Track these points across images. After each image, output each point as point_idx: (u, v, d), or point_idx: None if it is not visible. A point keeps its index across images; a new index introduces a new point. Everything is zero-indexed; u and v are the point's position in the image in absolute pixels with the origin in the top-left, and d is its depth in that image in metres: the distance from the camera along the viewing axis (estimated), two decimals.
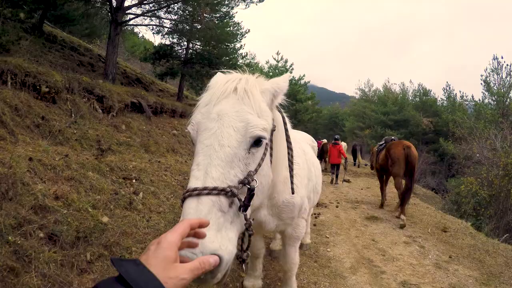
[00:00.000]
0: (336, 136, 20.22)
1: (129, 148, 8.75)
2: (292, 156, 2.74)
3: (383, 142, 13.53)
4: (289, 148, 2.71)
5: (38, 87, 7.85)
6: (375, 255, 7.29)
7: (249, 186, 1.83)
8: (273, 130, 2.26)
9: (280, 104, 2.48)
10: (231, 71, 2.34)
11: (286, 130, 2.70)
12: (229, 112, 1.92)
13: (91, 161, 6.57)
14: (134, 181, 6.84)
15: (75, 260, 4.06)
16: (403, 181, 11.05)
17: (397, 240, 8.43)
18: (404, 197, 10.69)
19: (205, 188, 1.64)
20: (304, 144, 4.57)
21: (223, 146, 1.80)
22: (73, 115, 8.20)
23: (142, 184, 6.92)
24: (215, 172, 1.73)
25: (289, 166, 2.74)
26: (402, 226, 9.68)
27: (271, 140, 2.26)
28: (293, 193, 2.85)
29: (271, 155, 2.26)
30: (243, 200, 1.78)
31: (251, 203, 1.84)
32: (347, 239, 8.23)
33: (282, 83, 2.31)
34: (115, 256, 1.29)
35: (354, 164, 29.77)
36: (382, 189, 12.87)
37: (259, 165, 2.00)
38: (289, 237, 3.74)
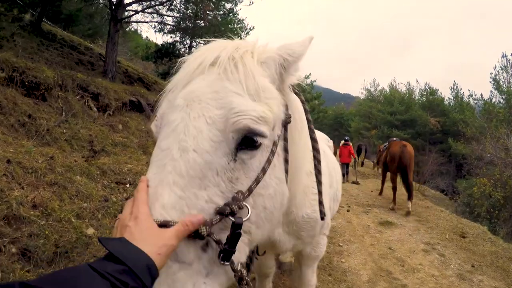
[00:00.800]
0: (346, 138, 21.29)
1: (125, 149, 8.23)
2: (319, 162, 1.97)
3: (387, 142, 15.56)
4: (314, 148, 1.97)
5: (26, 83, 7.29)
6: (393, 265, 6.87)
7: (232, 219, 1.15)
8: (287, 122, 1.54)
9: (297, 85, 1.73)
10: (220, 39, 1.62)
11: (309, 121, 1.92)
12: (202, 94, 1.27)
13: (80, 163, 6.05)
14: (128, 185, 6.31)
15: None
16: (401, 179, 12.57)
17: (415, 248, 8.03)
18: (396, 190, 12.69)
19: None
20: (323, 144, 3.66)
21: (186, 150, 1.16)
22: (64, 113, 7.67)
23: None
24: (168, 197, 1.10)
25: (316, 176, 1.99)
26: (407, 213, 11.37)
27: (285, 139, 1.54)
28: (322, 218, 2.09)
29: (286, 160, 1.54)
30: (223, 242, 1.13)
31: (244, 242, 1.25)
32: (362, 247, 7.77)
33: (297, 47, 1.53)
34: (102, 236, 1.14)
35: (362, 165, 29.86)
36: (383, 181, 15.05)
37: (257, 180, 1.28)
38: (307, 257, 3.04)
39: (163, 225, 1.03)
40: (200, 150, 1.16)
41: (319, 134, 4.70)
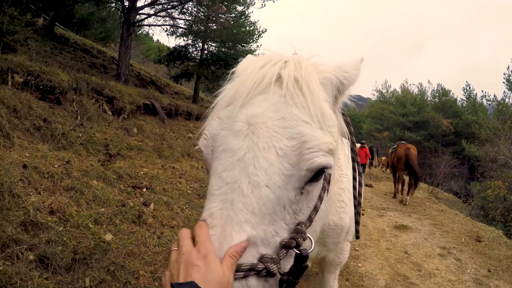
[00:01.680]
0: (363, 141, 23.14)
1: (141, 152, 8.21)
2: (361, 185, 1.93)
3: (395, 145, 16.71)
4: (357, 165, 1.92)
5: (41, 87, 7.32)
6: (410, 270, 6.78)
7: (298, 252, 1.10)
8: None
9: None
10: (267, 50, 1.52)
11: (351, 133, 1.90)
12: (269, 120, 1.16)
13: (97, 167, 6.03)
14: (144, 190, 6.29)
15: (71, 287, 3.51)
16: (406, 178, 14.69)
17: (431, 252, 7.94)
18: (403, 186, 14.96)
19: None
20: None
21: (258, 185, 1.07)
22: (79, 117, 7.68)
23: (154, 193, 6.37)
24: (238, 236, 1.02)
25: (356, 198, 1.94)
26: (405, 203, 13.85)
27: None
28: (358, 237, 2.04)
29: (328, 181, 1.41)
30: (286, 274, 1.08)
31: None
32: (378, 251, 7.70)
33: (351, 70, 1.46)
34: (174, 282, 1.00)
35: (371, 164, 30.36)
36: (395, 183, 15.88)
37: (315, 209, 1.24)
38: (330, 264, 3.00)
39: (236, 270, 0.99)
40: (272, 186, 1.08)
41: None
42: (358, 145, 35.59)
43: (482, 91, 45.29)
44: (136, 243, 4.65)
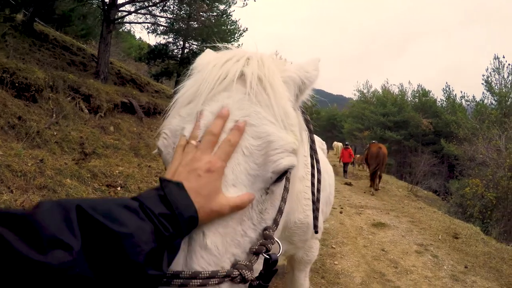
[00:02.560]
0: (347, 143, 26.17)
1: (117, 151, 8.13)
2: (319, 182, 1.92)
3: (368, 145, 20.32)
4: (316, 162, 1.89)
5: (16, 84, 7.20)
6: (386, 267, 6.85)
7: (267, 256, 1.10)
8: None
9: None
10: (228, 46, 1.48)
11: (313, 141, 1.88)
12: (233, 117, 1.12)
13: (71, 166, 5.96)
14: (119, 188, 6.25)
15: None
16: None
17: (408, 249, 8.03)
18: (373, 178, 17.52)
19: (194, 275, 0.94)
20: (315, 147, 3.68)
21: (225, 185, 1.05)
22: (54, 115, 7.57)
23: (128, 192, 6.32)
24: (211, 238, 1.00)
25: (314, 195, 1.93)
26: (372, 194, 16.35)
27: None
28: (316, 232, 2.04)
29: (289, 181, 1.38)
30: (256, 279, 1.08)
31: None
32: (354, 249, 7.75)
33: (312, 70, 1.44)
34: (163, 177, 1.04)
35: (353, 163, 32.04)
36: (372, 176, 17.92)
37: (280, 211, 1.23)
38: (299, 262, 3.00)
39: (212, 276, 0.96)
40: (239, 185, 1.06)
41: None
42: (339, 144, 37.33)
43: (461, 91, 46.35)
44: None
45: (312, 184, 1.92)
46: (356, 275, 6.33)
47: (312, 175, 1.92)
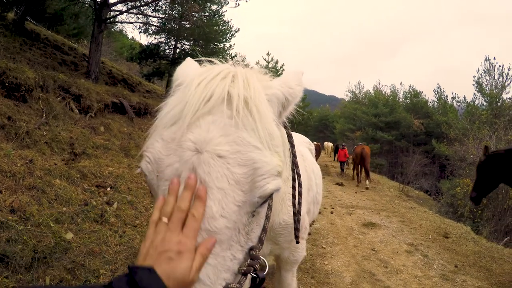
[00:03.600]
0: (343, 143, 28.58)
1: (107, 152, 8.09)
2: (300, 195, 1.97)
3: (355, 145, 23.35)
4: (296, 176, 1.92)
5: (6, 84, 7.15)
6: (376, 267, 6.85)
7: (254, 275, 1.15)
8: None
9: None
10: (212, 59, 1.47)
11: (294, 155, 1.90)
12: (219, 146, 1.11)
13: (60, 166, 5.93)
14: (108, 189, 6.22)
15: (32, 286, 3.40)
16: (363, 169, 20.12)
17: (398, 249, 8.04)
18: (360, 174, 20.60)
19: None
20: (302, 148, 3.72)
21: (214, 218, 1.05)
22: (44, 115, 7.50)
23: (118, 192, 6.31)
24: (204, 271, 1.02)
25: (294, 200, 1.97)
26: (367, 188, 18.54)
27: None
28: (297, 242, 2.07)
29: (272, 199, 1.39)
30: None
31: None
32: (345, 249, 7.76)
33: (295, 86, 1.46)
34: (132, 264, 0.98)
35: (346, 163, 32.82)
36: (356, 173, 21.21)
37: (264, 230, 1.27)
38: (285, 262, 3.00)
39: None
40: (227, 215, 1.07)
41: (300, 138, 4.66)
42: (330, 144, 38.74)
43: (453, 92, 46.86)
44: (97, 242, 4.59)
45: (293, 187, 1.95)
46: (346, 275, 6.34)
47: (293, 179, 1.95)
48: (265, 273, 1.18)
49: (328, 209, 11.84)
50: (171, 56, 20.30)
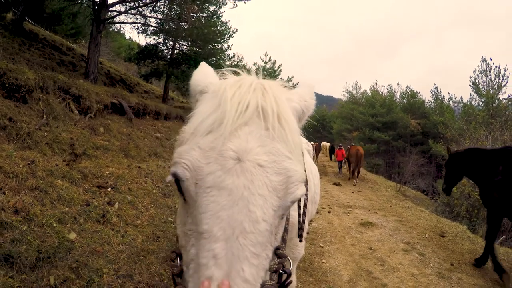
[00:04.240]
0: (340, 144, 29.57)
1: (107, 152, 8.13)
2: (307, 199, 2.13)
3: (349, 146, 24.99)
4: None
5: (7, 85, 7.18)
6: (374, 265, 6.93)
7: (283, 272, 1.25)
8: None
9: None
10: (236, 69, 1.55)
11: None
12: (258, 156, 1.20)
13: (62, 167, 5.97)
14: (109, 189, 6.27)
15: (36, 285, 3.50)
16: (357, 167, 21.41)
17: (395, 247, 8.10)
18: (354, 172, 21.57)
19: None
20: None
21: (257, 221, 1.12)
22: (45, 116, 7.53)
23: (119, 193, 6.36)
24: (249, 271, 1.08)
25: (299, 202, 2.09)
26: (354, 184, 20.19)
27: None
28: (301, 241, 2.19)
29: None
30: None
31: None
32: (342, 248, 7.82)
33: (309, 99, 1.60)
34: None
35: (330, 160, 34.98)
36: (350, 170, 22.54)
37: (286, 230, 1.39)
38: None
39: None
40: (267, 219, 1.15)
41: None
42: (327, 144, 39.56)
43: (449, 93, 47.22)
44: (100, 241, 4.65)
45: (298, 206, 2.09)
46: (344, 273, 6.42)
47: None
48: (290, 268, 1.30)
49: (326, 209, 11.90)
50: (169, 56, 20.26)
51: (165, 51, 20.78)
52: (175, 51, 20.46)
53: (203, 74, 1.56)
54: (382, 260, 7.20)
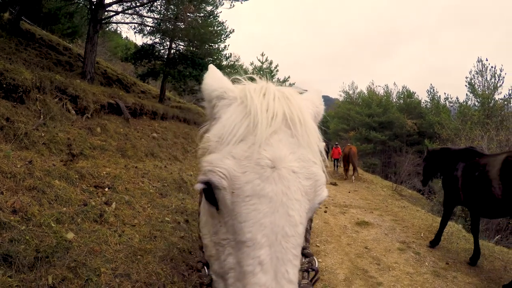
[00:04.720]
0: (336, 143, 29.45)
1: (104, 152, 8.13)
2: None
3: (344, 145, 26.90)
4: None
5: (4, 85, 7.19)
6: (369, 264, 7.02)
7: (312, 270, 1.39)
8: None
9: None
10: (253, 76, 1.65)
11: None
12: (291, 162, 1.26)
13: (59, 167, 5.98)
14: (106, 189, 6.28)
15: (35, 284, 3.52)
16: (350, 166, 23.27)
17: (390, 246, 8.18)
18: (348, 171, 23.78)
19: None
20: None
21: (296, 225, 1.20)
22: (42, 116, 7.53)
23: (116, 192, 6.37)
24: (292, 272, 1.15)
25: None
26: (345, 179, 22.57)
27: None
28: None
29: None
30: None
31: None
32: (338, 247, 7.88)
33: (319, 105, 1.74)
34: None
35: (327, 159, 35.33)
36: (344, 169, 24.38)
37: (308, 230, 1.58)
38: None
39: None
40: (303, 221, 1.24)
41: None
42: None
43: (445, 93, 47.17)
44: (98, 241, 4.68)
45: None
46: (340, 272, 6.49)
47: None
48: (316, 265, 1.43)
49: (322, 208, 11.96)
50: (166, 56, 20.20)
51: (162, 51, 20.73)
52: (172, 51, 20.41)
53: (215, 78, 1.58)
54: (377, 259, 7.28)
